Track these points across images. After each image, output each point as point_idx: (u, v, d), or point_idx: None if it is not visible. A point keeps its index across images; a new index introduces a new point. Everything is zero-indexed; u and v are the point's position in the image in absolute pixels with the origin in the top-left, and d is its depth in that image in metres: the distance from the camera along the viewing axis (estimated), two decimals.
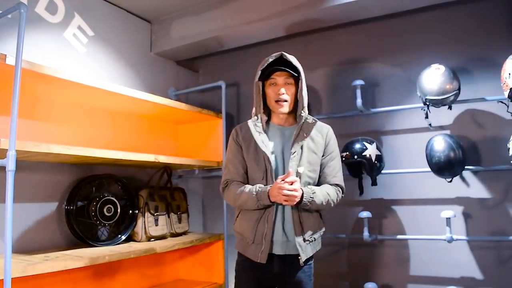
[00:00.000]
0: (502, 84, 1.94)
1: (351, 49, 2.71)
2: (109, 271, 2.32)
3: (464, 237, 2.23)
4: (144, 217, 2.42)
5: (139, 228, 2.40)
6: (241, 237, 1.68)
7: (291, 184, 1.49)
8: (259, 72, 1.68)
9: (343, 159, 2.34)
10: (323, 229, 1.75)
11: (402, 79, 2.52)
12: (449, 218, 2.15)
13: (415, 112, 2.39)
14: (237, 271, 1.73)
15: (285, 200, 1.50)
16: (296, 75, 1.66)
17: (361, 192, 2.41)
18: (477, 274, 2.23)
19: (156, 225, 2.48)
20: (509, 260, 2.17)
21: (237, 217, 1.73)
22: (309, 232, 1.62)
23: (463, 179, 2.30)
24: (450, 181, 2.19)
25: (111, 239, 2.27)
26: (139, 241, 2.39)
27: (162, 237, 2.50)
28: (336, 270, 2.64)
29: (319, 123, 1.71)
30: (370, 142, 2.33)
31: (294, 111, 1.70)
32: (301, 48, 2.91)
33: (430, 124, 2.24)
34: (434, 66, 2.14)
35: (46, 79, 1.81)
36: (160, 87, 2.96)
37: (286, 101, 1.64)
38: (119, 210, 2.29)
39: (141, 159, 2.17)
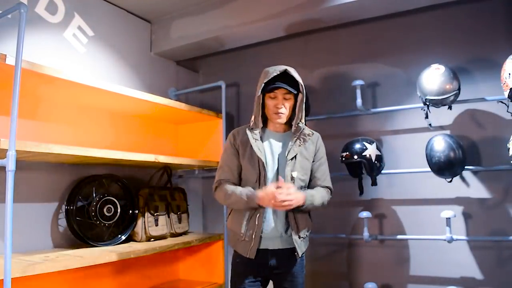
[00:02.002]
0: (502, 84, 1.94)
1: (351, 49, 2.71)
2: (109, 271, 2.32)
3: (464, 237, 2.23)
4: (144, 217, 2.42)
5: (139, 228, 2.40)
6: (233, 234, 1.79)
7: (289, 196, 1.59)
8: (262, 85, 1.76)
9: (343, 159, 2.34)
10: (311, 228, 1.86)
11: (402, 79, 2.52)
12: (449, 218, 2.15)
13: (415, 112, 2.39)
14: (233, 265, 1.85)
15: (282, 206, 1.59)
16: (295, 92, 1.77)
17: (361, 192, 2.41)
18: (477, 274, 2.23)
19: (156, 225, 2.47)
20: (509, 260, 2.17)
21: (229, 214, 1.84)
22: (303, 231, 1.76)
23: (463, 179, 2.30)
24: (450, 181, 2.19)
25: (111, 239, 2.27)
26: (139, 241, 2.39)
27: (162, 237, 2.50)
28: (336, 270, 2.64)
29: (313, 132, 1.86)
30: (370, 142, 2.33)
31: (289, 119, 1.82)
32: (301, 48, 2.91)
33: (430, 124, 2.24)
34: (434, 66, 2.14)
35: (46, 79, 1.81)
36: (160, 87, 2.96)
37: (283, 113, 1.76)
38: (119, 210, 2.29)
39: (141, 159, 2.17)
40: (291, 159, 1.73)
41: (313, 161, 1.82)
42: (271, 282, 1.86)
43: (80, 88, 1.96)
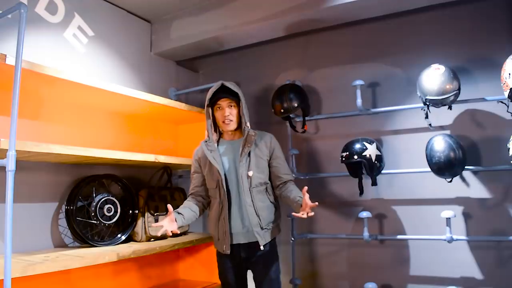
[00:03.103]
0: (502, 84, 1.94)
1: (351, 49, 2.71)
2: (109, 271, 2.32)
3: (464, 237, 2.23)
4: (144, 217, 2.42)
5: (139, 228, 2.40)
6: (212, 236, 2.06)
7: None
8: (208, 101, 2.01)
9: (343, 159, 2.34)
10: (280, 218, 2.08)
11: (402, 79, 2.52)
12: (449, 218, 2.15)
13: (415, 112, 2.39)
14: (218, 263, 2.08)
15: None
16: (236, 99, 2.01)
17: (361, 192, 2.41)
18: (477, 274, 2.23)
19: None
20: (509, 260, 2.17)
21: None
22: (266, 222, 1.96)
23: (463, 179, 2.30)
24: (450, 181, 2.19)
25: (111, 239, 2.27)
26: (139, 241, 2.40)
27: (162, 237, 2.50)
28: (336, 270, 2.64)
29: (261, 133, 2.07)
30: (370, 142, 2.32)
31: (240, 127, 2.04)
32: (301, 48, 2.91)
33: (430, 124, 2.24)
34: (434, 66, 2.14)
35: (46, 79, 1.81)
36: (160, 87, 2.96)
37: (231, 120, 2.00)
38: (119, 210, 2.29)
39: (141, 159, 2.17)
40: (245, 159, 1.96)
41: (270, 160, 2.03)
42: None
43: (80, 88, 1.96)
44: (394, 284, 2.45)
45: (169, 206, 1.86)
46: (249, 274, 2.07)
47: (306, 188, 1.78)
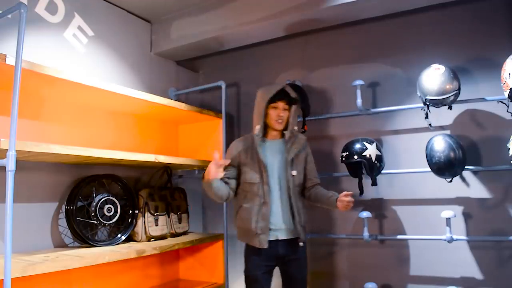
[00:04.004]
0: (502, 84, 1.94)
1: (351, 49, 2.71)
2: (109, 271, 2.32)
3: (464, 237, 2.23)
4: (144, 217, 2.42)
5: (139, 228, 2.40)
6: (245, 230, 2.03)
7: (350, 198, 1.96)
8: (267, 100, 2.06)
9: (343, 159, 2.34)
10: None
11: (402, 79, 2.52)
12: (449, 218, 2.15)
13: (415, 112, 2.39)
14: (246, 259, 2.08)
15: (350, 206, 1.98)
16: (289, 104, 2.11)
17: (361, 192, 2.41)
18: (477, 274, 2.23)
19: (156, 225, 2.48)
20: (509, 260, 2.17)
21: (237, 213, 2.09)
22: (304, 220, 2.06)
23: (463, 179, 2.30)
24: (450, 181, 2.19)
25: (111, 239, 2.27)
26: (139, 241, 2.40)
27: (162, 237, 2.50)
28: (336, 270, 2.64)
29: (300, 136, 2.16)
30: (370, 142, 2.33)
31: (284, 129, 2.14)
32: (301, 48, 2.91)
33: (430, 124, 2.24)
34: (434, 66, 2.14)
35: (46, 79, 1.81)
36: (160, 87, 2.96)
37: (283, 121, 2.09)
38: (119, 210, 2.29)
39: (141, 159, 2.17)
40: (291, 160, 2.05)
41: (305, 163, 2.14)
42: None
43: (80, 88, 1.96)
44: (394, 284, 2.45)
45: (215, 154, 1.88)
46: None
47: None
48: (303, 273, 2.09)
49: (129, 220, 2.38)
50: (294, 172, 2.05)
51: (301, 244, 2.03)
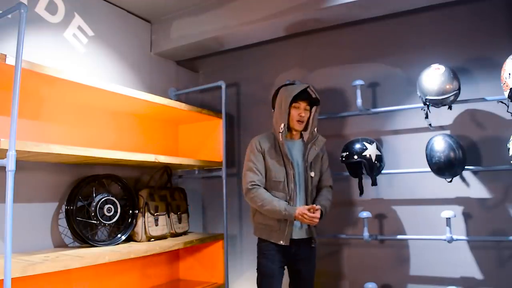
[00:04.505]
0: (502, 84, 1.94)
1: (351, 49, 2.71)
2: (109, 271, 2.32)
3: (464, 237, 2.23)
4: (144, 217, 2.42)
5: (139, 228, 2.40)
6: (265, 226, 2.08)
7: (314, 213, 1.97)
8: (290, 99, 2.07)
9: (343, 159, 2.34)
10: None
11: (402, 79, 2.52)
12: (449, 218, 2.15)
13: (415, 112, 2.39)
14: (262, 254, 2.10)
15: (310, 222, 1.97)
16: (315, 104, 2.13)
17: (361, 192, 2.41)
18: (477, 274, 2.23)
19: (156, 225, 2.48)
20: (509, 260, 2.17)
21: (257, 211, 2.10)
22: None
23: (463, 179, 2.30)
24: (450, 181, 2.19)
25: (111, 239, 2.27)
26: (139, 241, 2.40)
27: (162, 237, 2.50)
28: (336, 270, 2.64)
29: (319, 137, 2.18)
30: (370, 142, 2.33)
31: (303, 129, 2.16)
32: (301, 48, 2.91)
33: (430, 124, 2.24)
34: (434, 66, 2.14)
35: (46, 79, 1.81)
36: (160, 87, 2.96)
37: (303, 122, 2.11)
38: (119, 210, 2.29)
39: (141, 159, 2.17)
40: (311, 161, 2.10)
41: (321, 164, 2.18)
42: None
43: (80, 88, 1.96)
44: (394, 284, 2.45)
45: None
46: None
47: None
48: (312, 273, 2.14)
49: (129, 220, 2.38)
50: (312, 174, 2.10)
51: (313, 244, 2.09)
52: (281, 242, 2.01)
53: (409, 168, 2.38)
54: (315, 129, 2.15)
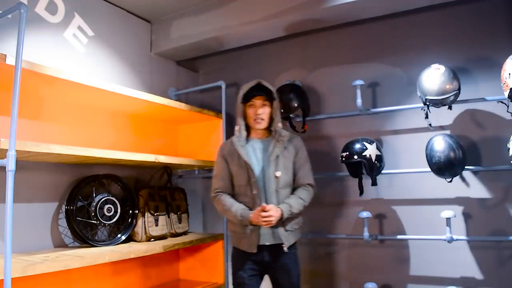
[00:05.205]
0: (502, 84, 1.94)
1: (351, 49, 2.71)
2: (109, 271, 2.32)
3: (464, 237, 2.23)
4: (144, 217, 2.42)
5: (139, 228, 2.40)
6: (235, 233, 2.00)
7: (266, 212, 1.84)
8: (242, 97, 2.00)
9: (343, 159, 2.34)
10: (301, 221, 2.06)
11: (402, 79, 2.52)
12: (449, 218, 2.15)
13: (415, 112, 2.39)
14: (233, 262, 2.04)
15: (267, 223, 1.85)
16: (270, 98, 2.01)
17: (361, 192, 2.41)
18: (477, 274, 2.23)
19: (156, 225, 2.48)
20: (509, 260, 2.17)
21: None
22: (290, 224, 1.94)
23: (463, 179, 2.30)
24: (450, 181, 2.19)
25: (111, 239, 2.27)
26: (139, 241, 2.40)
27: (162, 237, 2.50)
28: (336, 270, 2.64)
29: (291, 135, 2.07)
30: (370, 142, 2.32)
31: (268, 126, 2.05)
32: (301, 48, 2.91)
33: (430, 124, 2.24)
34: (434, 66, 2.14)
35: (46, 79, 1.81)
36: (160, 87, 2.96)
37: (263, 119, 2.00)
38: (119, 210, 2.30)
39: (141, 159, 2.17)
40: (274, 160, 1.96)
41: (294, 162, 2.02)
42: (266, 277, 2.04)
43: (80, 88, 1.96)
44: (394, 284, 2.45)
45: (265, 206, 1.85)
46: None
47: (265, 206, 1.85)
48: (292, 281, 1.96)
49: (129, 220, 2.38)
50: (278, 173, 1.94)
51: (285, 250, 1.91)
52: (249, 249, 1.91)
53: (409, 168, 2.38)
54: (279, 125, 2.01)
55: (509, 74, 1.86)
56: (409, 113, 2.45)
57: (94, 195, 2.21)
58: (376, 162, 2.29)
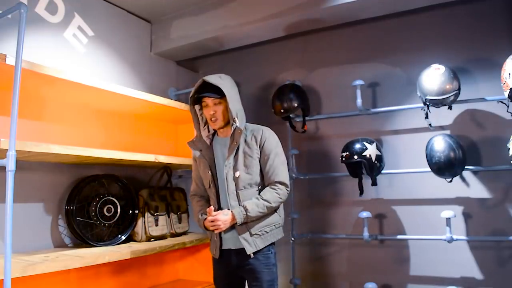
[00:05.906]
0: (502, 84, 1.94)
1: (351, 49, 2.71)
2: (109, 271, 2.32)
3: (464, 237, 2.23)
4: (144, 217, 2.42)
5: (139, 228, 2.40)
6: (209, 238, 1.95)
7: (212, 217, 1.73)
8: (190, 99, 1.89)
9: (343, 159, 2.34)
10: (278, 222, 1.88)
11: (402, 79, 2.52)
12: (449, 218, 2.15)
13: (415, 112, 2.39)
14: (213, 269, 1.99)
15: (214, 229, 1.75)
16: (222, 94, 1.81)
17: (361, 192, 2.41)
18: (477, 274, 2.23)
19: (156, 225, 2.47)
20: (509, 260, 2.17)
21: None
22: (256, 227, 1.78)
23: (463, 179, 2.30)
24: (450, 181, 2.19)
25: (111, 239, 2.27)
26: (139, 241, 2.39)
27: (162, 237, 2.50)
28: (336, 270, 2.64)
29: (253, 127, 1.90)
30: (370, 142, 2.32)
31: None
32: (301, 48, 2.91)
33: (430, 124, 2.24)
34: (434, 66, 2.14)
35: (46, 79, 1.81)
36: (160, 87, 2.96)
37: (217, 118, 1.84)
38: (119, 210, 2.29)
39: (141, 159, 2.17)
40: (232, 159, 1.81)
41: (259, 157, 1.83)
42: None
43: (80, 88, 1.96)
44: (394, 284, 2.45)
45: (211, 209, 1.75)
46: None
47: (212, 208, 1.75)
48: (262, 286, 1.78)
49: (129, 220, 2.38)
50: (237, 174, 1.78)
51: (250, 255, 1.76)
52: (214, 255, 1.88)
53: (409, 168, 2.38)
54: (235, 120, 1.79)
55: (509, 74, 1.86)
56: (409, 113, 2.45)
57: (94, 195, 2.21)
58: (376, 162, 2.29)
